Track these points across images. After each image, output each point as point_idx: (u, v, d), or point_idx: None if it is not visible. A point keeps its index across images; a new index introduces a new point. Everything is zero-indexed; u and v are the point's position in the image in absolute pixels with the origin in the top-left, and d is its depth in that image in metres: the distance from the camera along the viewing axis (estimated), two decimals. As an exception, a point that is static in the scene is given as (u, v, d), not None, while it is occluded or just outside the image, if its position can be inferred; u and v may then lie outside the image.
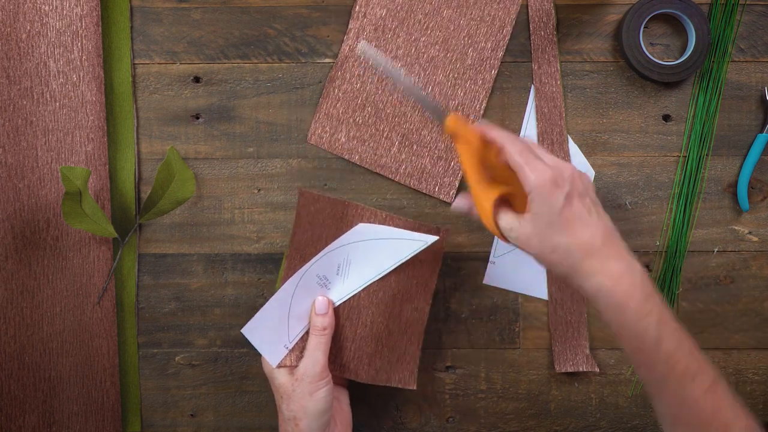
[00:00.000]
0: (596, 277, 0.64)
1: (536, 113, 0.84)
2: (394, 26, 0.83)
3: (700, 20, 0.82)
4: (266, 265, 0.84)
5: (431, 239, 0.76)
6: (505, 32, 0.83)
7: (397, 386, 0.80)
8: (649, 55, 0.82)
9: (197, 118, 0.84)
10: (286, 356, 0.75)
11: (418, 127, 0.83)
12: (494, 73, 0.84)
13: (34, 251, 0.81)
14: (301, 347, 0.76)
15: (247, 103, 0.84)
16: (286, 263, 0.77)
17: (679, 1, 0.82)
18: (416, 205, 0.84)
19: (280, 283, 0.77)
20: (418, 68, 0.83)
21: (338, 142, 0.83)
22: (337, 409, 0.78)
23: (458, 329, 0.85)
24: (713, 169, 0.84)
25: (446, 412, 0.85)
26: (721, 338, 0.85)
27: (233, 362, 0.84)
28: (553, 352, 0.84)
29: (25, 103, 0.81)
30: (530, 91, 0.84)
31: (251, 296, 0.84)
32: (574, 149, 0.84)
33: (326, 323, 0.75)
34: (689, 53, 0.82)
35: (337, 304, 0.77)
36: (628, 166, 0.84)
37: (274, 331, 0.76)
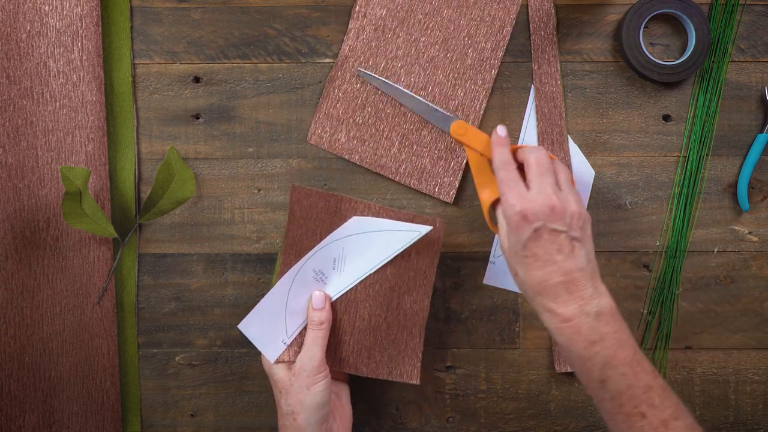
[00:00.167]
0: (544, 314, 0.68)
1: (536, 113, 0.84)
2: (394, 26, 0.83)
3: (700, 20, 0.82)
4: (266, 265, 0.84)
5: (425, 229, 0.77)
6: (505, 32, 0.83)
7: (399, 380, 0.80)
8: (649, 55, 0.82)
9: (197, 118, 0.84)
10: (284, 351, 0.76)
11: (418, 127, 0.83)
12: (494, 73, 0.83)
13: (34, 251, 0.81)
14: (299, 342, 0.76)
15: (247, 103, 0.84)
16: (281, 259, 0.77)
17: (679, 1, 0.82)
18: (416, 205, 0.84)
19: (276, 279, 0.77)
20: (418, 68, 0.83)
21: (338, 142, 0.83)
22: (337, 404, 0.78)
23: (458, 329, 0.85)
24: (713, 169, 0.84)
25: (446, 412, 0.85)
26: (721, 338, 0.85)
27: (233, 362, 0.84)
28: (553, 352, 0.84)
29: (25, 103, 0.81)
30: (530, 91, 0.84)
31: (251, 296, 0.84)
32: (574, 149, 0.84)
33: (323, 318, 0.75)
34: (689, 53, 0.82)
35: (334, 298, 0.77)
36: (628, 166, 0.84)
37: (271, 326, 0.76)
